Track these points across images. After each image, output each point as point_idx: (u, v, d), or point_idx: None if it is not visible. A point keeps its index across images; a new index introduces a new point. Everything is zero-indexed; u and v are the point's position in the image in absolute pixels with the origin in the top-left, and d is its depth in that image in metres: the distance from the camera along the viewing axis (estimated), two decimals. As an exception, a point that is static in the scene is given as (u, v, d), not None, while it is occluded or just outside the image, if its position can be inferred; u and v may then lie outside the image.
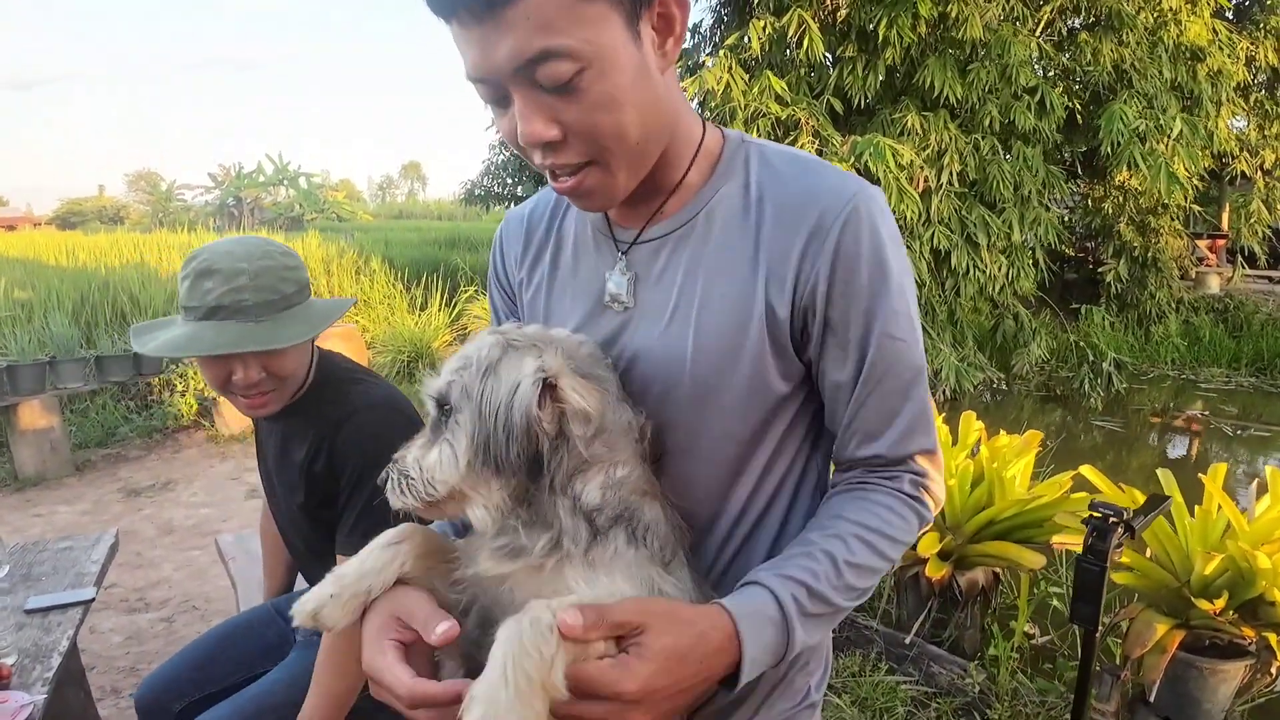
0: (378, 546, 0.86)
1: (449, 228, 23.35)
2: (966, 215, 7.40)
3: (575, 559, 0.80)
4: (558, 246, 1.01)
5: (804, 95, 7.21)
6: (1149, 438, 6.89)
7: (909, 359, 0.87)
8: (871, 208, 0.84)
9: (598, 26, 0.73)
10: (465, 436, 0.81)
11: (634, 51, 0.76)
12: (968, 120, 7.48)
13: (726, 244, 0.87)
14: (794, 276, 0.84)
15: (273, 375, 1.52)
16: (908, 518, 0.89)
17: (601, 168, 0.81)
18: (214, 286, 1.44)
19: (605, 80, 0.75)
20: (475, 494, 0.82)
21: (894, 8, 6.93)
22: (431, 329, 8.64)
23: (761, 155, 0.90)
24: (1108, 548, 1.23)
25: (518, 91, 0.76)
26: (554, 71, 0.73)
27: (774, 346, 0.86)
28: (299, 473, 1.63)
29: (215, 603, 3.60)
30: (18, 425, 5.22)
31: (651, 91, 0.79)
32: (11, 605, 1.84)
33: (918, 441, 0.89)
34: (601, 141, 0.78)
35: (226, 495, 5.04)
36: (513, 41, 0.72)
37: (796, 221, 0.84)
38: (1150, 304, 9.97)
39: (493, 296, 1.12)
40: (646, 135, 0.81)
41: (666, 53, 0.81)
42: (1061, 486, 2.82)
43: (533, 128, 0.76)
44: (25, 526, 4.48)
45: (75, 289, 8.17)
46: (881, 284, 0.84)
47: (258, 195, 34.98)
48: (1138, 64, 7.90)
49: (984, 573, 2.92)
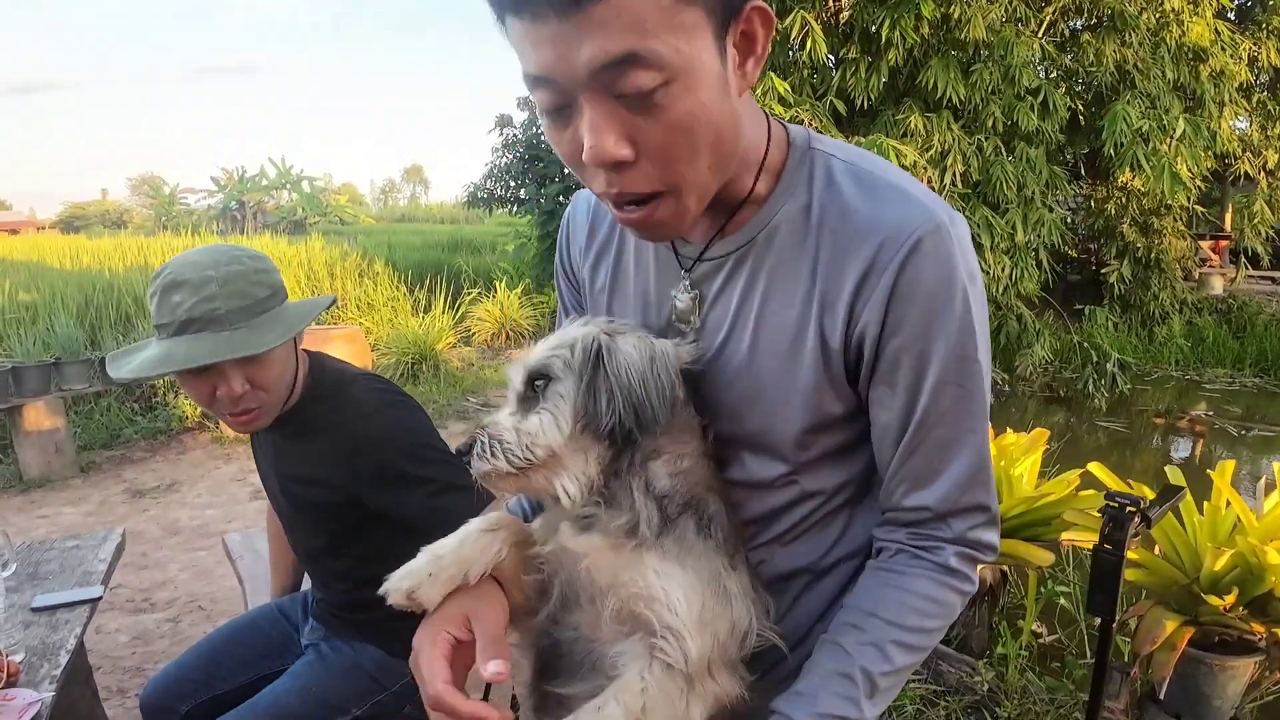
0: (475, 531, 0.86)
1: (452, 230, 23.41)
2: (970, 216, 7.40)
3: (651, 545, 0.82)
4: (620, 249, 0.97)
5: (807, 97, 7.23)
6: (1153, 439, 6.88)
7: (968, 409, 0.81)
8: (938, 242, 0.76)
9: (690, 36, 0.65)
10: (569, 405, 0.82)
11: (717, 68, 0.69)
12: (970, 121, 7.49)
13: (783, 267, 0.83)
14: (847, 309, 0.79)
15: (257, 387, 1.47)
16: (948, 603, 0.84)
17: (673, 197, 0.73)
18: (183, 299, 1.38)
19: (689, 97, 0.67)
20: (571, 463, 0.83)
21: (897, 9, 6.94)
22: (435, 331, 8.65)
23: (828, 170, 0.82)
24: (1124, 537, 1.22)
25: (591, 100, 0.67)
26: (637, 80, 0.65)
27: (828, 374, 0.82)
28: (305, 480, 1.61)
29: (221, 603, 3.60)
30: (23, 427, 5.23)
31: (731, 112, 0.72)
32: (19, 603, 1.84)
33: (972, 496, 0.83)
34: (676, 166, 0.71)
35: (231, 496, 5.04)
36: (598, 41, 0.63)
37: (854, 252, 0.78)
38: (1154, 305, 9.96)
39: (559, 282, 1.09)
40: (721, 162, 0.74)
41: (746, 74, 0.73)
42: (1069, 484, 2.81)
43: (604, 143, 0.68)
44: (30, 528, 4.48)
45: (79, 291, 8.20)
46: (941, 327, 0.77)
47: (260, 199, 35.07)
48: (1140, 65, 7.92)
49: (992, 571, 2.91)
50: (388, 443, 1.53)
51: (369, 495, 1.55)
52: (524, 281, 10.94)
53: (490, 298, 10.34)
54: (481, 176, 13.19)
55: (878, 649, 0.81)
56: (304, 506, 1.66)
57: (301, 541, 1.77)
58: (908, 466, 0.83)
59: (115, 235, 18.96)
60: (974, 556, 0.85)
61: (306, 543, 1.75)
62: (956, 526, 0.84)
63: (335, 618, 1.77)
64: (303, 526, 1.72)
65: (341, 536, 1.66)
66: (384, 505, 1.55)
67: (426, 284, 10.23)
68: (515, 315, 10.02)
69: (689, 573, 0.81)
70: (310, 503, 1.63)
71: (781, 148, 0.85)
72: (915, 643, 0.83)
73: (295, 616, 1.93)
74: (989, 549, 0.86)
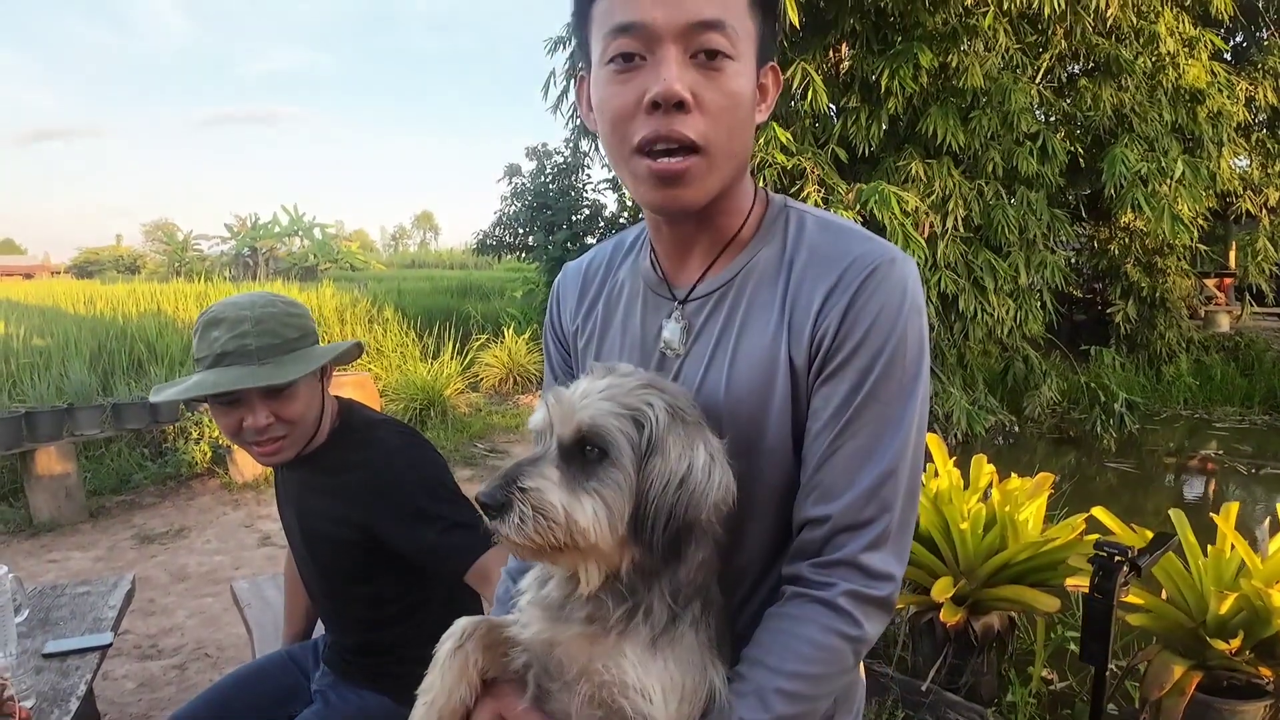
0: (445, 655, 0.88)
1: (461, 276, 23.64)
2: (973, 259, 7.46)
3: (640, 637, 0.79)
4: (610, 297, 1.05)
5: (809, 145, 7.34)
6: (1164, 479, 6.82)
7: (890, 427, 0.85)
8: (892, 271, 0.86)
9: (748, 40, 0.85)
10: (625, 500, 0.76)
11: (754, 80, 0.88)
12: (971, 166, 7.59)
13: (758, 302, 0.91)
14: (811, 327, 0.87)
15: (282, 420, 1.56)
16: (834, 649, 0.83)
17: (705, 159, 0.85)
18: (220, 334, 1.51)
19: (739, 79, 0.85)
20: (606, 556, 0.78)
21: (895, 59, 7.09)
22: (444, 376, 8.71)
23: (800, 220, 0.95)
24: (1114, 586, 1.23)
25: (675, 51, 0.82)
26: (716, 41, 0.82)
27: (794, 399, 0.88)
28: (327, 517, 1.66)
29: (228, 651, 3.59)
30: (34, 471, 5.27)
31: (751, 121, 0.89)
32: (30, 649, 1.86)
33: (874, 511, 0.84)
34: (717, 128, 0.84)
35: (240, 542, 5.05)
36: (700, 4, 0.81)
37: (821, 279, 0.88)
38: (1160, 344, 9.95)
39: (548, 346, 1.16)
40: (738, 154, 0.89)
41: (760, 109, 0.91)
42: (1075, 529, 2.80)
43: (673, 82, 0.81)
44: (39, 572, 4.49)
45: (93, 337, 8.31)
46: (884, 344, 0.84)
47: (273, 246, 35.53)
48: (1138, 108, 8.02)
49: (999, 617, 2.89)
50: (407, 480, 1.60)
51: (386, 531, 1.60)
52: (532, 327, 11.02)
53: (498, 343, 10.42)
54: (491, 224, 13.43)
55: (758, 698, 0.81)
56: (322, 544, 1.70)
57: (317, 581, 1.80)
58: (822, 473, 0.86)
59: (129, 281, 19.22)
60: (865, 595, 0.84)
61: (322, 582, 1.78)
62: (850, 546, 0.84)
63: (347, 662, 1.79)
64: (320, 565, 1.75)
65: (356, 576, 1.69)
66: (399, 541, 1.60)
67: (435, 330, 10.32)
68: (523, 361, 10.09)
69: (672, 666, 0.79)
70: (329, 540, 1.67)
71: (762, 202, 0.98)
72: (798, 690, 0.81)
73: (306, 663, 1.95)
74: (883, 578, 0.84)
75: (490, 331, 11.12)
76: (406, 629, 1.73)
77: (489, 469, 6.66)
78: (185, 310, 11.43)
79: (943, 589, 2.74)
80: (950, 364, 7.64)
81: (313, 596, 1.90)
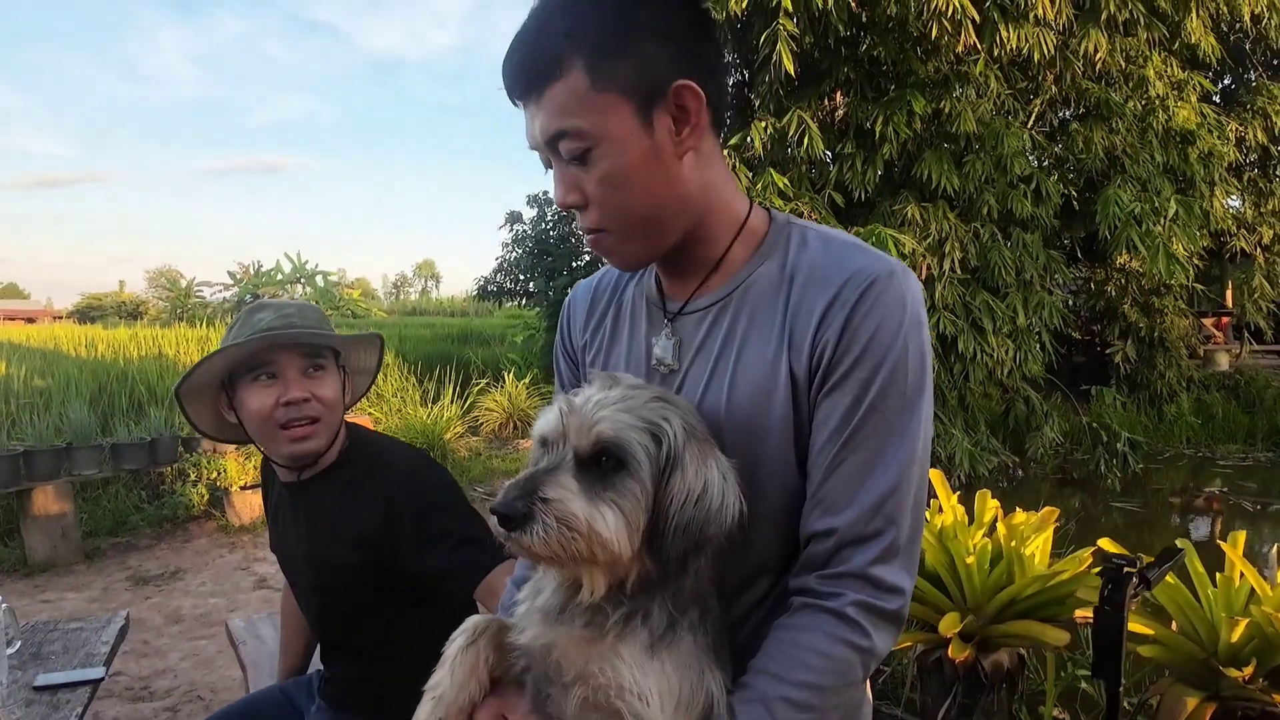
0: (457, 651, 0.89)
1: (462, 323, 23.77)
2: (970, 301, 7.51)
3: (638, 641, 0.79)
4: (617, 314, 1.09)
5: (806, 190, 7.45)
6: (1169, 518, 6.77)
7: (893, 440, 0.85)
8: (892, 284, 0.87)
9: (607, 114, 0.85)
10: (643, 511, 0.77)
11: (644, 139, 0.87)
12: (966, 209, 7.69)
13: (758, 316, 0.93)
14: (811, 340, 0.88)
15: (316, 399, 1.58)
16: (842, 660, 0.83)
17: (612, 235, 0.92)
18: (264, 316, 1.58)
19: (611, 160, 0.87)
20: (619, 566, 0.79)
21: (889, 106, 7.24)
22: (443, 421, 8.71)
23: (803, 237, 0.96)
24: (1124, 598, 1.22)
25: (553, 160, 0.91)
26: (569, 147, 0.87)
27: (796, 412, 0.89)
28: (340, 538, 1.63)
29: (221, 693, 3.52)
30: (31, 510, 5.24)
31: (664, 175, 0.89)
32: (22, 681, 1.83)
33: (880, 524, 0.84)
34: (610, 212, 0.90)
35: (235, 585, 4.99)
36: (543, 120, 0.88)
37: (820, 293, 0.89)
38: (1160, 383, 9.98)
39: (558, 362, 1.19)
40: (659, 213, 0.91)
41: (683, 140, 0.89)
42: (1082, 562, 2.77)
43: (559, 193, 0.92)
44: (33, 612, 4.42)
45: (94, 379, 8.31)
46: (884, 357, 0.85)
47: (275, 293, 35.77)
48: (1129, 150, 8.15)
49: (1009, 654, 2.84)
50: (420, 496, 1.61)
51: (402, 548, 1.58)
52: (532, 371, 11.06)
53: (498, 388, 10.43)
54: (492, 270, 13.57)
55: (764, 706, 0.80)
56: (332, 570, 1.66)
57: (323, 612, 1.76)
58: (826, 487, 0.86)
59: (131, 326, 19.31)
60: (874, 606, 0.83)
61: (328, 613, 1.74)
62: (861, 558, 0.84)
63: (347, 694, 1.75)
64: (326, 593, 1.71)
65: (364, 603, 1.66)
66: (412, 558, 1.58)
67: (436, 374, 10.34)
68: (523, 405, 10.09)
69: (670, 670, 0.79)
70: (340, 563, 1.64)
71: (764, 220, 1.00)
72: (804, 700, 0.80)
73: (299, 699, 1.91)
74: (892, 591, 0.84)
75: (491, 376, 11.14)
76: (412, 658, 1.69)
77: (489, 513, 6.60)
78: (187, 354, 11.45)
79: (950, 624, 2.69)
80: (952, 406, 7.63)
81: (316, 629, 1.86)
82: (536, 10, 0.88)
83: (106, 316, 33.75)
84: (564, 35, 0.84)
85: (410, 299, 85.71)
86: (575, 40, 0.84)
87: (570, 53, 0.84)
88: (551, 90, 0.85)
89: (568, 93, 0.85)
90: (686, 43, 0.88)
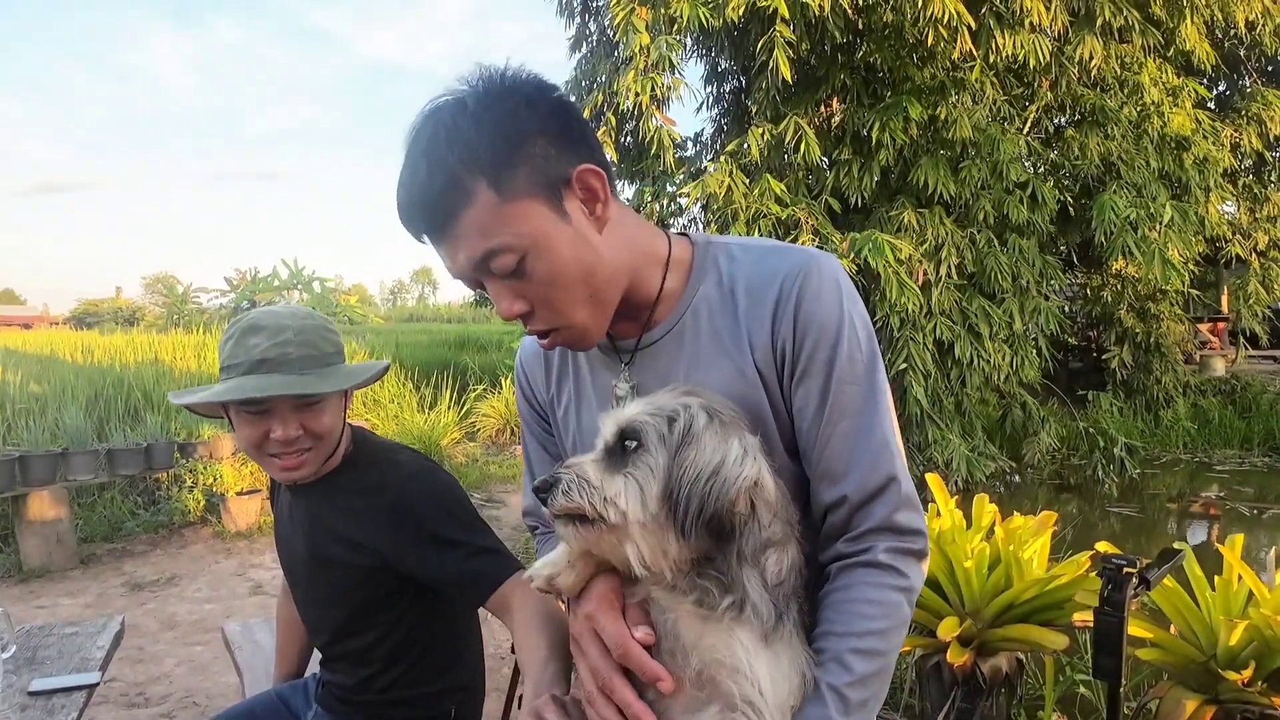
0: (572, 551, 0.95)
1: (459, 330, 23.78)
2: (967, 306, 7.51)
3: (753, 629, 0.84)
4: (576, 364, 1.12)
5: (803, 196, 7.46)
6: (1167, 523, 6.78)
7: (869, 404, 0.95)
8: (822, 270, 0.96)
9: (525, 220, 0.88)
10: (658, 483, 0.84)
11: (565, 228, 0.91)
12: (962, 215, 7.70)
13: (715, 333, 0.98)
14: (770, 340, 0.95)
15: (310, 433, 1.53)
16: (890, 602, 0.91)
17: (567, 327, 0.96)
18: (260, 341, 1.49)
19: (544, 260, 0.90)
20: (646, 537, 0.84)
21: (885, 112, 7.25)
22: (440, 427, 8.70)
23: (727, 251, 1.03)
24: (1124, 598, 1.23)
25: (486, 281, 0.92)
26: (502, 263, 0.89)
27: (773, 405, 0.97)
28: (342, 542, 1.61)
29: (217, 699, 3.50)
30: (26, 516, 5.22)
31: (593, 253, 0.93)
32: (16, 686, 1.82)
33: (882, 474, 0.93)
34: (558, 308, 0.93)
35: (231, 591, 4.96)
36: (465, 250, 0.89)
37: (764, 295, 0.96)
38: (1156, 389, 10.00)
39: (524, 415, 1.23)
40: (600, 287, 0.94)
41: (599, 216, 0.94)
42: (1080, 565, 2.77)
43: (503, 307, 0.93)
44: (28, 618, 4.39)
45: (90, 384, 8.29)
46: (837, 334, 0.94)
47: (272, 299, 35.75)
48: (1124, 156, 8.17)
49: (1007, 659, 2.83)
50: (431, 504, 1.58)
51: (406, 555, 1.56)
52: (529, 376, 11.01)
53: (495, 394, 10.42)
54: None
55: (838, 663, 0.88)
56: (334, 573, 1.65)
57: (324, 615, 1.74)
58: (825, 461, 0.95)
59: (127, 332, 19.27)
60: (902, 549, 0.93)
61: (327, 617, 1.72)
62: (878, 512, 0.93)
63: (344, 702, 1.74)
64: (328, 598, 1.70)
65: (366, 608, 1.65)
66: (418, 567, 1.56)
67: (433, 380, 10.32)
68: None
69: (781, 659, 0.84)
70: (343, 567, 1.62)
71: (685, 248, 1.05)
72: (871, 647, 0.89)
73: (296, 704, 1.90)
74: (914, 533, 0.94)
75: (488, 383, 11.13)
76: (412, 665, 1.69)
77: (486, 518, 6.56)
78: (183, 360, 11.43)
79: (949, 629, 2.69)
80: (948, 411, 7.63)
81: (314, 633, 1.84)
82: (419, 151, 0.89)
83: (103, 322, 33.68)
84: (458, 163, 0.86)
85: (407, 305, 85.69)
86: (470, 165, 0.86)
87: (470, 177, 0.86)
88: (464, 218, 0.87)
89: (481, 214, 0.87)
90: (565, 132, 0.92)
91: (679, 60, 7.37)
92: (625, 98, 6.95)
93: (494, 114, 0.88)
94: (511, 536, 5.89)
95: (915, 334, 7.03)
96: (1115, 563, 1.29)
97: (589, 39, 9.59)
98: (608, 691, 0.88)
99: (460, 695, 1.75)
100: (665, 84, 7.14)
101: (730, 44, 7.81)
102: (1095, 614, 1.28)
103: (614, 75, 7.68)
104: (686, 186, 7.53)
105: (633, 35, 6.86)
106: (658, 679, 0.84)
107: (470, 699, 1.78)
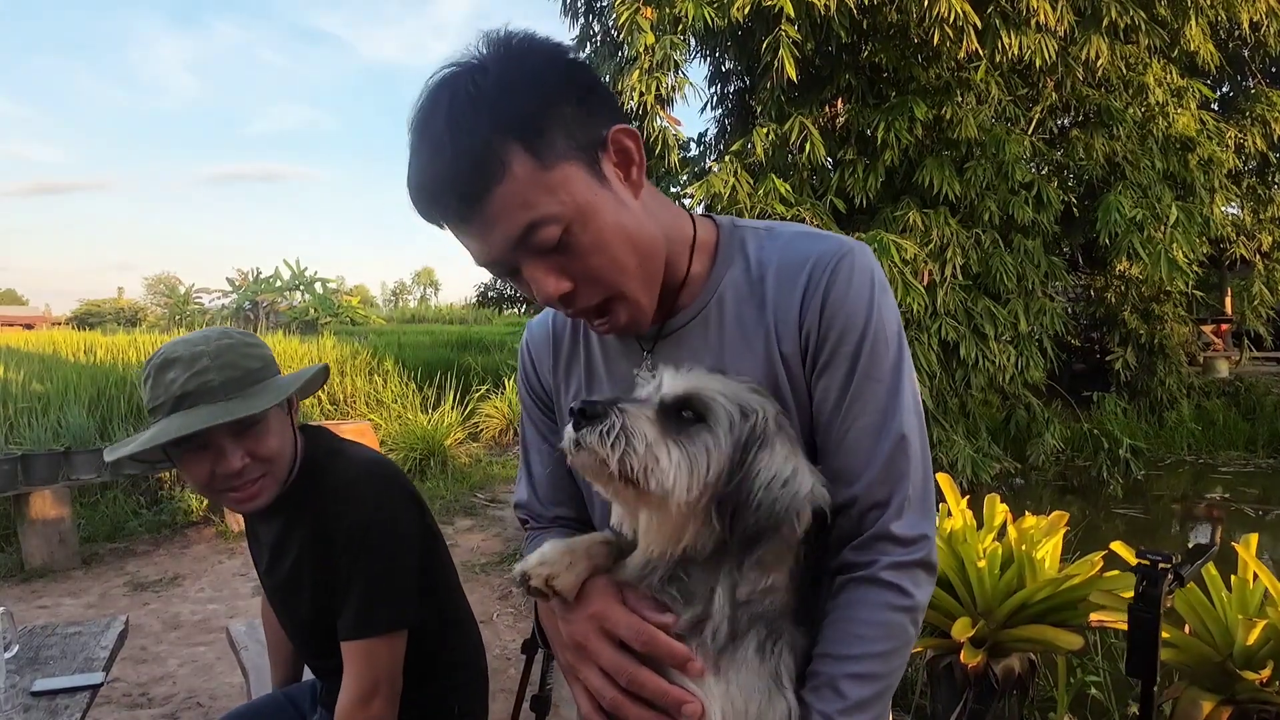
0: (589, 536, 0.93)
1: (461, 330, 23.76)
2: (972, 307, 7.50)
3: (706, 650, 0.82)
4: (589, 350, 1.06)
5: (807, 196, 7.45)
6: (1172, 525, 6.76)
7: (890, 401, 0.90)
8: (855, 259, 0.92)
9: (567, 187, 0.81)
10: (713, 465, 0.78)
11: (605, 193, 0.85)
12: (967, 216, 7.68)
13: (740, 321, 0.94)
14: (797, 326, 0.92)
15: (257, 459, 1.44)
16: (891, 623, 0.86)
17: (620, 300, 0.89)
18: (176, 375, 1.38)
19: (590, 228, 0.83)
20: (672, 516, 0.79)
21: (891, 113, 7.25)
22: (443, 427, 8.68)
23: (755, 236, 0.98)
24: (1159, 594, 1.20)
25: (524, 262, 0.85)
26: (545, 236, 0.82)
27: (795, 393, 0.93)
28: (291, 566, 1.55)
29: (220, 700, 3.48)
30: (28, 515, 5.20)
31: (633, 218, 0.88)
32: (20, 686, 1.80)
33: (894, 481, 0.88)
34: (607, 279, 0.86)
35: (234, 591, 4.94)
36: (502, 227, 0.81)
37: (794, 281, 0.92)
38: (1160, 390, 9.98)
39: (525, 402, 1.17)
40: (644, 256, 0.89)
41: (634, 181, 0.89)
42: (1094, 565, 2.75)
43: (546, 288, 0.85)
44: (30, 618, 4.37)
45: (92, 384, 8.29)
46: (865, 326, 0.90)
47: (274, 299, 35.81)
48: (1129, 156, 8.16)
49: (1020, 659, 2.81)
50: (345, 520, 1.46)
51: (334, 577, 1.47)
52: (532, 378, 10.99)
53: (499, 394, 10.40)
54: (492, 277, 13.50)
55: (831, 688, 0.84)
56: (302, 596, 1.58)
57: (295, 635, 1.70)
58: (839, 459, 0.90)
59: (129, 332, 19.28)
60: (903, 562, 0.87)
61: (300, 636, 1.68)
62: (880, 522, 0.88)
63: None
64: (302, 619, 1.63)
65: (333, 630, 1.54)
66: (330, 592, 1.48)
67: (435, 381, 10.31)
68: (523, 411, 10.04)
69: (733, 689, 0.81)
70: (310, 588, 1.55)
71: (710, 229, 1.00)
72: (868, 671, 0.84)
73: (304, 705, 1.87)
74: (915, 542, 0.88)
75: (491, 383, 11.11)
76: (407, 670, 1.65)
77: (489, 519, 6.59)
78: (185, 360, 11.40)
79: (962, 629, 2.67)
80: (953, 412, 7.62)
81: (300, 649, 1.78)
82: (439, 124, 0.80)
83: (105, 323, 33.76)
84: (490, 130, 0.78)
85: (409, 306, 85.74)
86: (503, 130, 0.78)
87: (503, 144, 0.78)
88: (499, 191, 0.79)
89: (520, 184, 0.79)
90: (592, 91, 0.86)
91: (683, 60, 7.37)
92: (630, 98, 6.94)
93: (519, 74, 0.80)
94: (516, 537, 5.87)
95: (920, 335, 7.02)
96: (1151, 559, 1.27)
97: (593, 39, 9.60)
98: (635, 687, 0.82)
99: (463, 694, 1.73)
100: (670, 84, 7.14)
101: (735, 44, 7.78)
102: (1130, 611, 1.26)
103: (618, 75, 7.67)
104: (691, 186, 7.51)
105: (637, 35, 6.87)
106: (687, 660, 0.81)
107: (473, 697, 1.76)
